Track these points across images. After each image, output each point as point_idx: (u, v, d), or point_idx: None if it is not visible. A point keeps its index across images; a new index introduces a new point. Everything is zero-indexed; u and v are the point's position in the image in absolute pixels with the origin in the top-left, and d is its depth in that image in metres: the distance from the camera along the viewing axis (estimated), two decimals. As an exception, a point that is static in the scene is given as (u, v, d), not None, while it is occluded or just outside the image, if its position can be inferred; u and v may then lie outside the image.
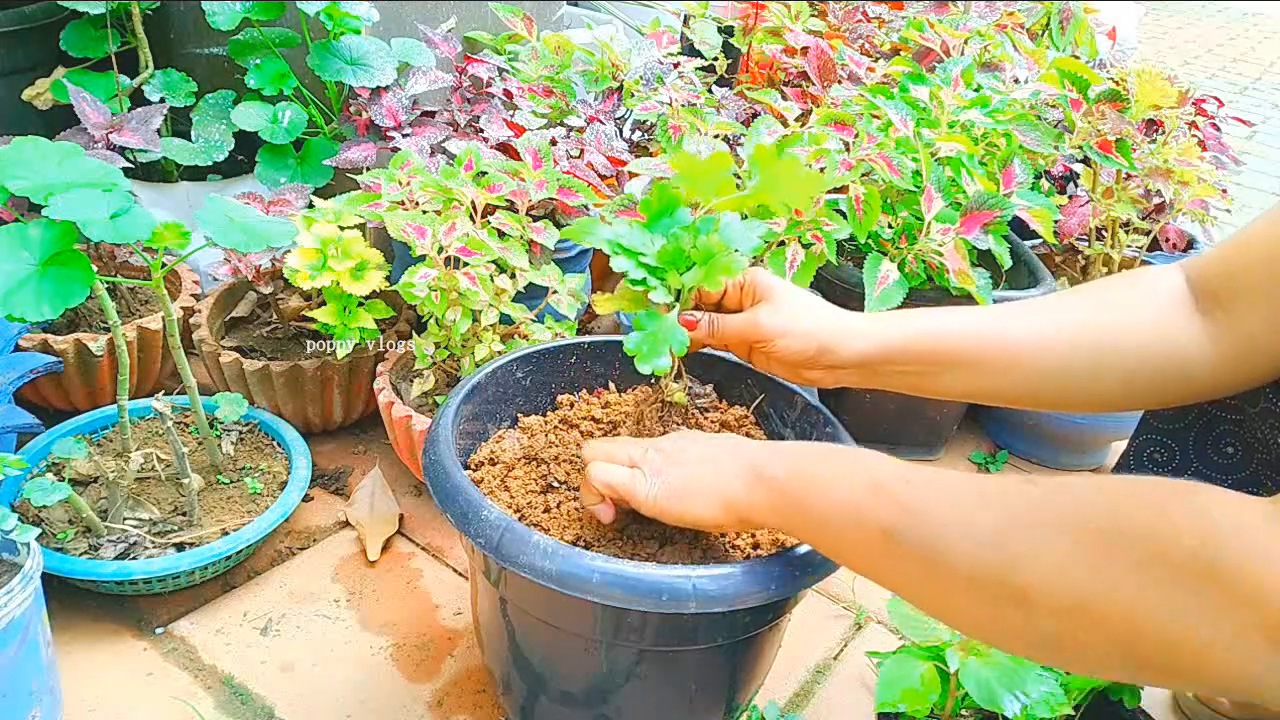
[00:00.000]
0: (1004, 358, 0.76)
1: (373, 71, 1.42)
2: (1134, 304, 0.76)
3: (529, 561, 0.68)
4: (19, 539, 0.81)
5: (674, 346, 0.72)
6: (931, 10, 1.76)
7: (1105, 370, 0.75)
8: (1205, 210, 1.41)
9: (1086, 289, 0.81)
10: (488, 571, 0.79)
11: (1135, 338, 0.74)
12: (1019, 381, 0.77)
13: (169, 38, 1.55)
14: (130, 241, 0.87)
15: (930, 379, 0.79)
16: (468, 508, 0.72)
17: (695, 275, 0.74)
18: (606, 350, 0.98)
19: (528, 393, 0.96)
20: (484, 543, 0.70)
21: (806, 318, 0.78)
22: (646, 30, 1.68)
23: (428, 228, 1.08)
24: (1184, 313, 0.74)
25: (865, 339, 0.78)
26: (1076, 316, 0.77)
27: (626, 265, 0.74)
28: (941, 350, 0.77)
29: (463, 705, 0.97)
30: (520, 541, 0.69)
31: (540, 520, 0.80)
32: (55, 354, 1.17)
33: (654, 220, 0.76)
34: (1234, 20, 5.98)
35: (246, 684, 0.97)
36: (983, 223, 1.20)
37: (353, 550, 1.15)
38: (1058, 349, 0.75)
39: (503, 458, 0.88)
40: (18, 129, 1.31)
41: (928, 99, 1.30)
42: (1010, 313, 0.78)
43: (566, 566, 0.67)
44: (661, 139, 1.28)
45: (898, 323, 0.79)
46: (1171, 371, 0.74)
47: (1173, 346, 0.73)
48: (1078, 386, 0.76)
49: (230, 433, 1.19)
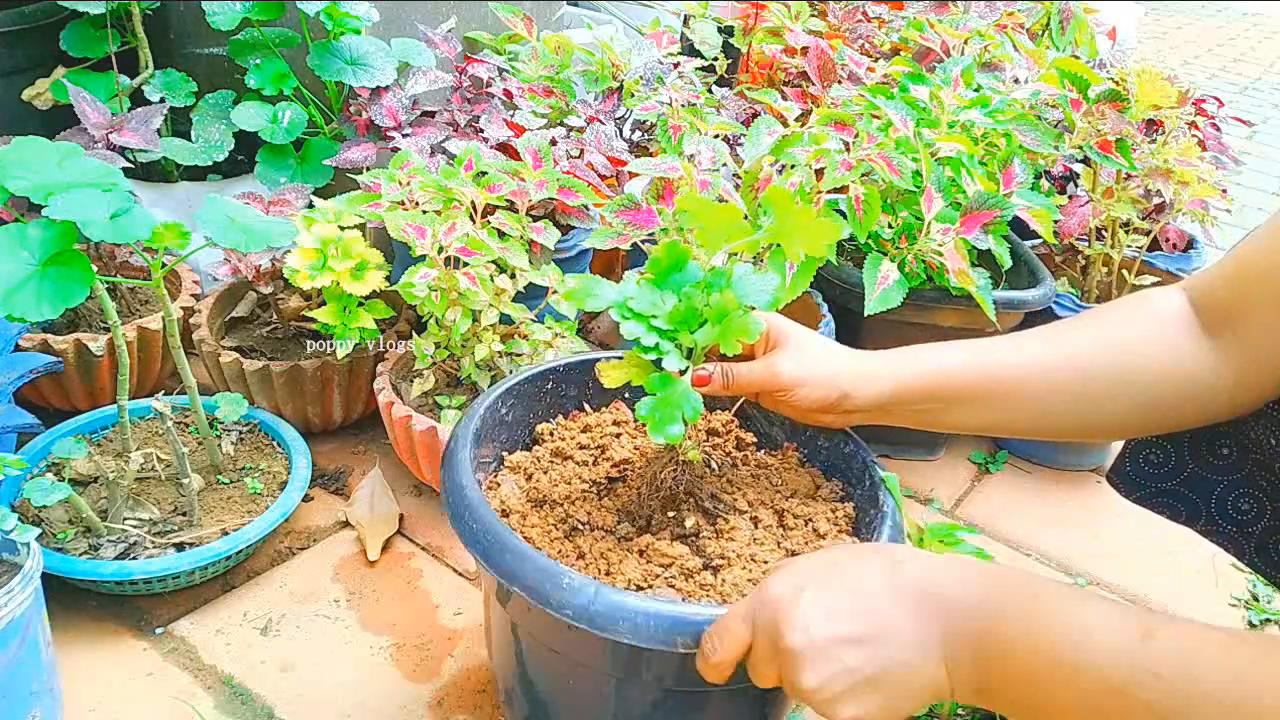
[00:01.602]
0: (1015, 392, 0.76)
1: (373, 71, 1.42)
2: (1143, 331, 0.75)
3: (630, 626, 0.64)
4: (19, 539, 0.81)
5: (687, 413, 0.69)
6: (931, 10, 1.76)
7: (1120, 399, 0.74)
8: (1205, 210, 1.41)
9: (1093, 317, 0.80)
10: (499, 593, 0.76)
11: (1149, 365, 0.73)
12: (1031, 414, 0.76)
13: (169, 38, 1.55)
14: (130, 241, 0.87)
15: (942, 415, 0.78)
16: (545, 577, 0.67)
17: (708, 334, 0.71)
18: (579, 371, 0.94)
19: (510, 428, 0.90)
20: (573, 613, 0.65)
21: (825, 364, 0.76)
22: (646, 30, 1.68)
23: (428, 228, 1.08)
24: (1192, 336, 0.73)
25: (880, 382, 0.77)
26: (1087, 347, 0.76)
27: (637, 330, 0.70)
28: (953, 387, 0.77)
29: (462, 705, 0.97)
30: (612, 602, 0.65)
31: (578, 569, 0.76)
32: (55, 354, 1.17)
33: (663, 277, 0.73)
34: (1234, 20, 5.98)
35: (246, 684, 0.97)
36: (983, 223, 1.20)
37: (353, 550, 1.15)
38: (1069, 381, 0.75)
39: (511, 505, 0.83)
40: (18, 129, 1.31)
41: (928, 99, 1.30)
42: (1020, 345, 0.77)
43: (664, 622, 0.64)
44: (661, 139, 1.28)
45: (909, 362, 0.78)
46: (1188, 396, 0.73)
47: (1186, 371, 0.73)
48: (1092, 417, 0.76)
49: (230, 433, 1.19)
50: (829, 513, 0.83)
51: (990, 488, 1.41)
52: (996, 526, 1.33)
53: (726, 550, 0.77)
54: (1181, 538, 1.33)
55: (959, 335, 1.27)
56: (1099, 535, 1.33)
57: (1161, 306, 0.76)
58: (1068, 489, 1.42)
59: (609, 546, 0.78)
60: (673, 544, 0.77)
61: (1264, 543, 0.85)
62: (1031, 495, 1.40)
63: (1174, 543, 1.32)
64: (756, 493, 0.85)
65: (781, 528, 0.82)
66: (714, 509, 0.82)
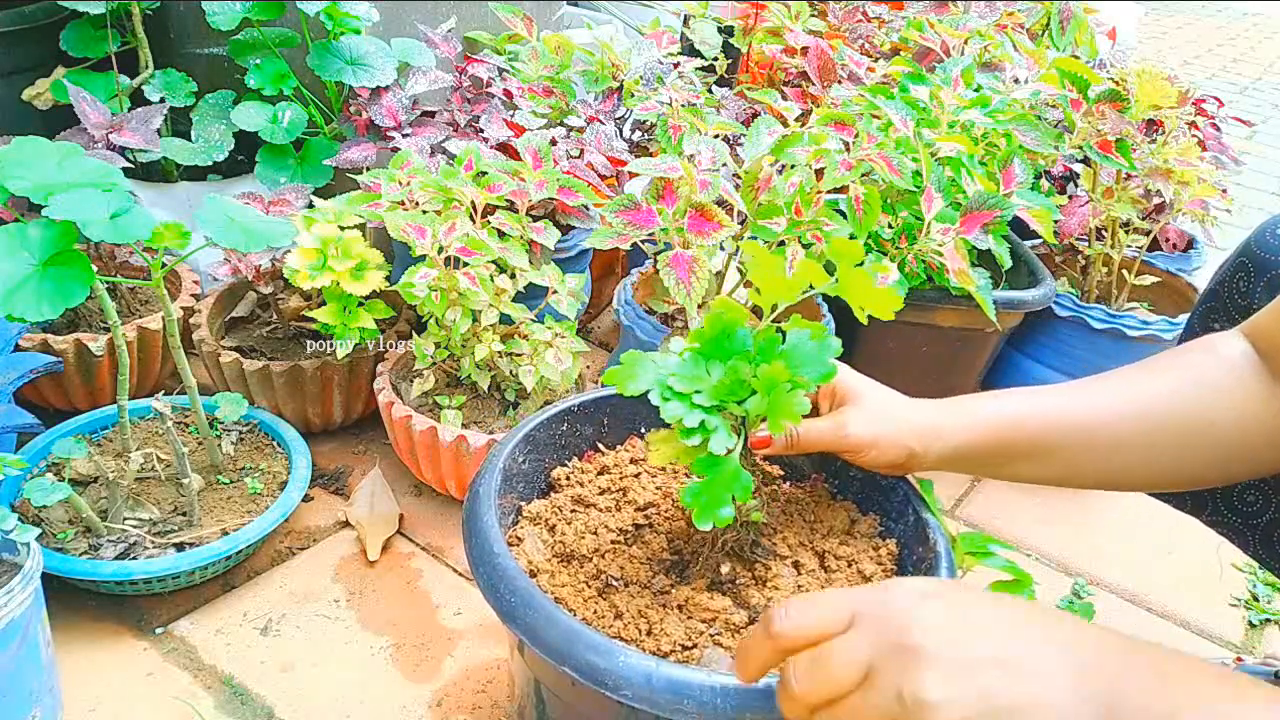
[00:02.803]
0: (1084, 444, 0.73)
1: (373, 71, 1.42)
2: (1214, 378, 0.73)
3: (695, 705, 0.60)
4: (19, 539, 0.81)
5: (737, 493, 0.64)
6: (931, 10, 1.76)
7: (1193, 450, 0.72)
8: (1205, 210, 1.41)
9: (1164, 363, 0.77)
10: (521, 649, 0.72)
11: (1221, 415, 0.72)
12: (1099, 468, 0.74)
13: (169, 38, 1.55)
14: (130, 241, 0.87)
15: (1004, 467, 0.76)
16: (599, 657, 0.62)
17: (758, 404, 0.66)
18: (593, 409, 0.90)
19: (527, 477, 0.85)
20: (632, 694, 0.60)
21: (893, 423, 0.73)
22: (646, 30, 1.68)
23: (428, 228, 1.08)
24: (1263, 383, 0.72)
25: (947, 440, 0.74)
26: (1159, 397, 0.73)
27: (679, 412, 0.65)
28: (1020, 441, 0.74)
29: (462, 705, 0.97)
30: (673, 680, 0.60)
31: (616, 631, 0.71)
32: (55, 354, 1.17)
33: (709, 348, 0.67)
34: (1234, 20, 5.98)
35: (246, 684, 0.97)
36: (983, 223, 1.20)
37: (353, 550, 1.15)
38: (1140, 433, 0.73)
39: (538, 563, 0.77)
40: (18, 129, 1.31)
41: (928, 99, 1.30)
42: (1091, 396, 0.75)
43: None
44: (661, 139, 1.28)
45: (975, 412, 0.75)
46: (1262, 442, 0.72)
47: (1260, 418, 0.71)
48: (1164, 470, 0.74)
49: (230, 433, 1.19)
50: (871, 551, 0.79)
51: (990, 487, 1.41)
52: (996, 526, 1.33)
53: (772, 600, 0.73)
54: (1181, 538, 1.34)
55: (959, 335, 1.28)
56: (1099, 535, 1.33)
57: (1227, 352, 0.74)
58: (1067, 489, 1.42)
59: (646, 603, 0.73)
60: (713, 596, 0.73)
61: (1269, 535, 0.85)
62: (1031, 495, 1.39)
63: (1173, 542, 1.32)
64: (794, 533, 0.80)
65: (824, 570, 0.77)
66: (752, 556, 0.77)
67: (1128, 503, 1.40)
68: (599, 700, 0.63)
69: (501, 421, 1.19)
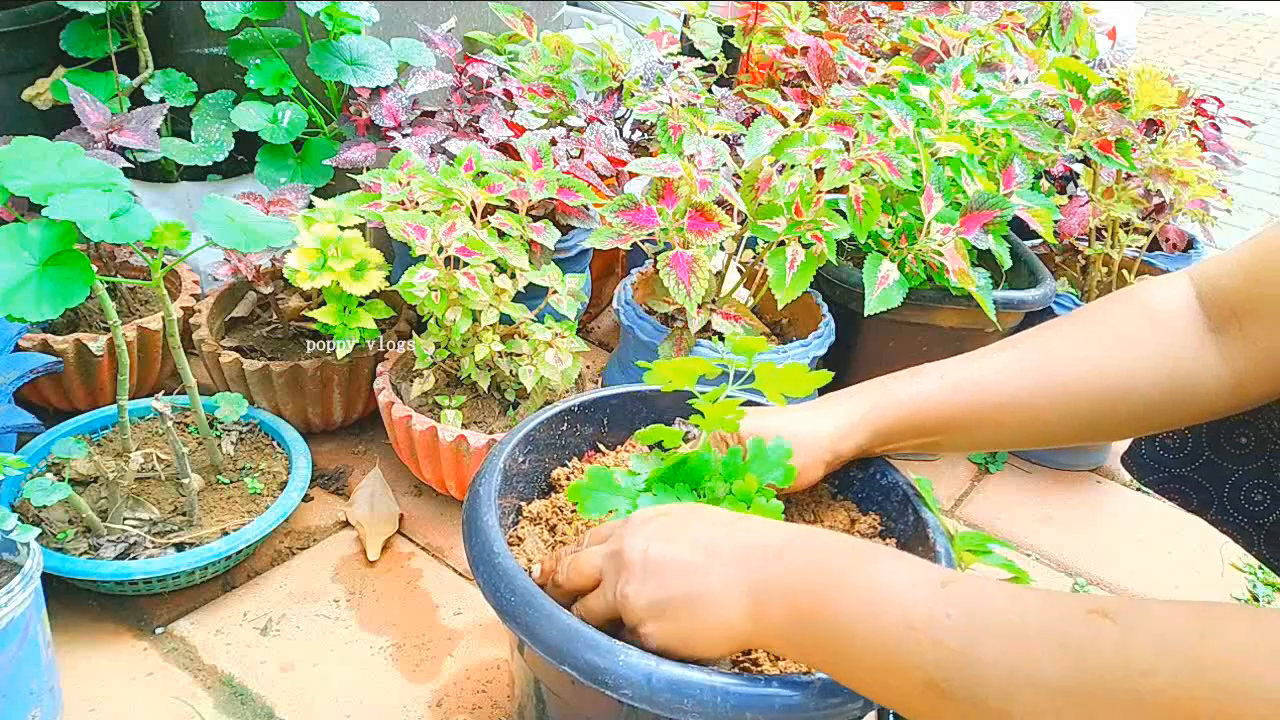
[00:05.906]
0: (998, 416, 0.75)
1: (373, 71, 1.42)
2: (1134, 336, 0.72)
3: (695, 705, 0.60)
4: (19, 539, 0.81)
5: None
6: (931, 10, 1.76)
7: (1111, 410, 0.72)
8: (1205, 210, 1.41)
9: (1080, 322, 0.77)
10: (521, 648, 0.73)
11: (1140, 375, 0.71)
12: (1020, 434, 0.76)
13: (169, 38, 1.55)
14: (130, 241, 0.87)
15: (930, 446, 0.79)
16: (599, 656, 0.61)
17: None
18: (594, 409, 0.90)
19: (527, 477, 0.85)
20: (631, 693, 0.60)
21: (804, 451, 0.77)
22: (646, 30, 1.68)
23: (428, 228, 1.08)
24: (1193, 334, 0.71)
25: (860, 433, 0.78)
26: (1072, 360, 0.73)
27: None
28: (932, 421, 0.77)
29: (462, 705, 0.97)
30: (673, 680, 0.60)
31: (616, 630, 0.72)
32: (55, 354, 1.17)
33: (674, 473, 0.73)
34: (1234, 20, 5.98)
35: (246, 684, 0.97)
36: (983, 223, 1.20)
37: (353, 550, 1.15)
38: (1054, 400, 0.73)
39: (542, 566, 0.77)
40: (18, 129, 1.31)
41: (928, 99, 1.30)
42: (1000, 364, 0.76)
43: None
44: (661, 139, 1.28)
45: (882, 401, 0.78)
46: (1184, 398, 0.71)
47: (1183, 373, 0.70)
48: (1083, 429, 0.75)
49: (230, 433, 1.19)
50: None
51: (990, 487, 1.41)
52: (996, 526, 1.33)
53: None
54: (1181, 538, 1.34)
55: (959, 335, 1.28)
56: (1099, 535, 1.33)
57: (1158, 303, 0.73)
58: (1067, 489, 1.42)
59: None
60: None
61: (1275, 534, 0.85)
62: (1031, 495, 1.40)
63: (1173, 542, 1.33)
64: None
65: None
66: None
67: (1128, 502, 1.40)
68: (599, 700, 0.63)
69: (501, 421, 1.19)
